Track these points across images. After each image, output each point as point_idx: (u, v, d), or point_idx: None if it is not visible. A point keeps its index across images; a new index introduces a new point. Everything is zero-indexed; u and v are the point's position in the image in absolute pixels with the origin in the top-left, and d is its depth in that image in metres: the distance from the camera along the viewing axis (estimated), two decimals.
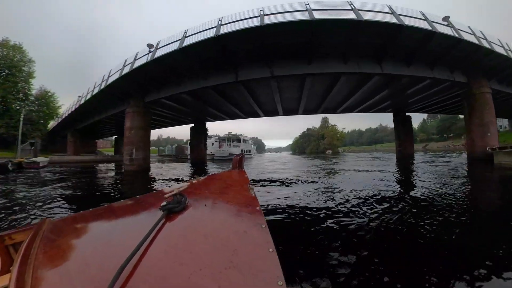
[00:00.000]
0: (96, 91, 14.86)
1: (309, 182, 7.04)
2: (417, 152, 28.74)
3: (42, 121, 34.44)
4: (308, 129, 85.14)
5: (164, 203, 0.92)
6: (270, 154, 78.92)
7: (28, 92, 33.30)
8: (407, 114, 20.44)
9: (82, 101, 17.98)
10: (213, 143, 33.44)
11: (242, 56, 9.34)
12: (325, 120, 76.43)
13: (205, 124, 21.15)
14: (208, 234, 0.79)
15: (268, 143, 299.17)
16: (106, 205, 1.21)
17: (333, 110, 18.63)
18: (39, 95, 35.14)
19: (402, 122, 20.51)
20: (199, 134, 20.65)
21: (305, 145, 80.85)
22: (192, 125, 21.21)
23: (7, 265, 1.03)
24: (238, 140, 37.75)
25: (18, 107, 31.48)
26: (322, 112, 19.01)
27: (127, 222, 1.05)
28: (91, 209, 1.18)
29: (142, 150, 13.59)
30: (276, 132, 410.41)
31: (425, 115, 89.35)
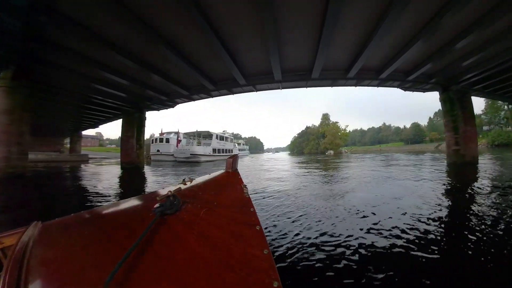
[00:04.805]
0: None
1: None
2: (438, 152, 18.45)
3: None
4: (307, 127, 78.89)
5: (157, 205, 0.91)
6: (268, 154, 72.43)
7: None
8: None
9: None
10: (180, 140, 26.32)
11: None
12: (325, 117, 70.44)
13: (143, 112, 14.35)
14: (202, 236, 0.77)
15: (268, 143, 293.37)
16: (97, 207, 1.20)
17: (341, 75, 9.42)
18: None
19: (459, 101, 10.56)
20: (130, 125, 13.72)
21: (303, 145, 74.53)
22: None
23: None
24: (209, 136, 29.03)
25: None
26: (320, 78, 9.50)
27: (119, 225, 0.98)
28: (82, 211, 1.12)
29: (4, 145, 8.20)
30: (277, 132, 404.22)
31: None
